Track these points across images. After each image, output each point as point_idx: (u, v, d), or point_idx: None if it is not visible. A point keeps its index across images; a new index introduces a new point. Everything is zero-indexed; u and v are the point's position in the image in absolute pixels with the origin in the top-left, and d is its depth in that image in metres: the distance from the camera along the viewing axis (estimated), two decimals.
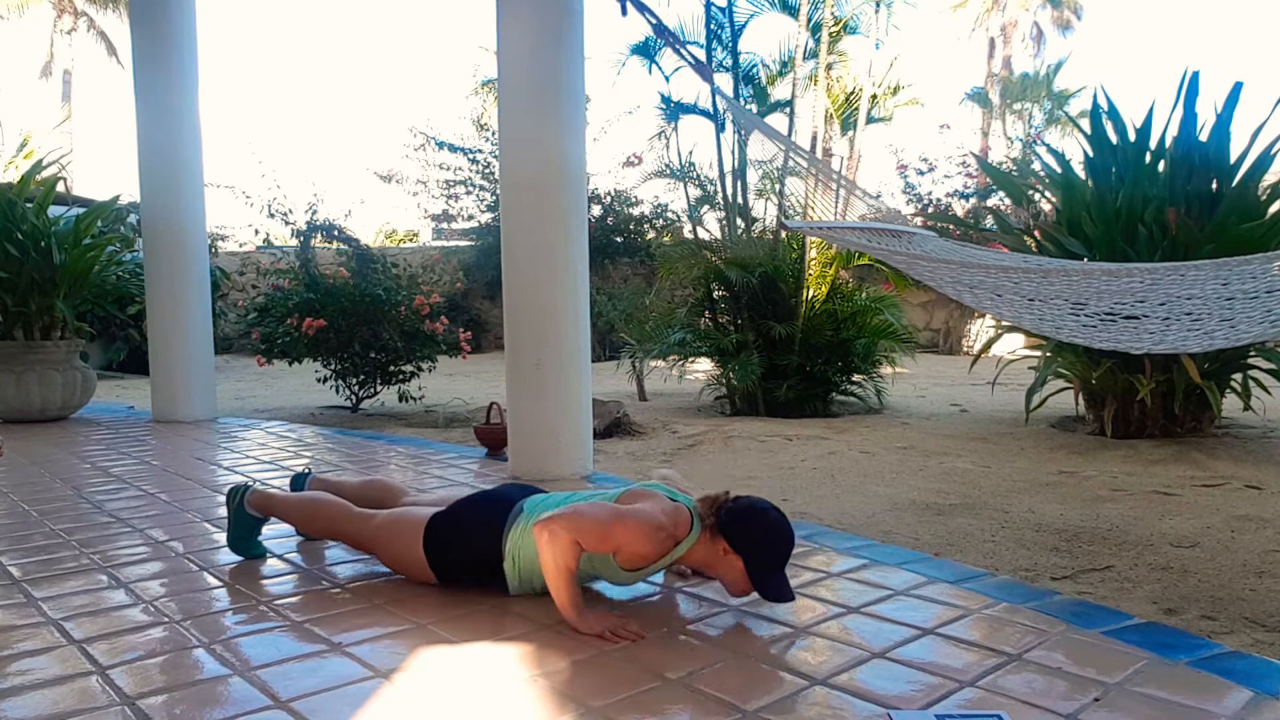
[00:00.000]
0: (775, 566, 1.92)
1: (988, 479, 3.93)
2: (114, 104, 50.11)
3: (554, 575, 1.85)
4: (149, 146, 5.32)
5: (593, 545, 1.87)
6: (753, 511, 1.95)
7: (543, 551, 1.85)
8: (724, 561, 1.94)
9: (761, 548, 1.92)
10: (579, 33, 3.56)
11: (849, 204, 3.46)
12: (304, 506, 2.39)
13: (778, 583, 1.91)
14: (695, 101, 8.01)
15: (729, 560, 1.93)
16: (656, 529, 1.91)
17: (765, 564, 1.91)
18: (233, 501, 2.44)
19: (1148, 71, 62.17)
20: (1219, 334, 2.18)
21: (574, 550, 1.84)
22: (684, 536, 1.96)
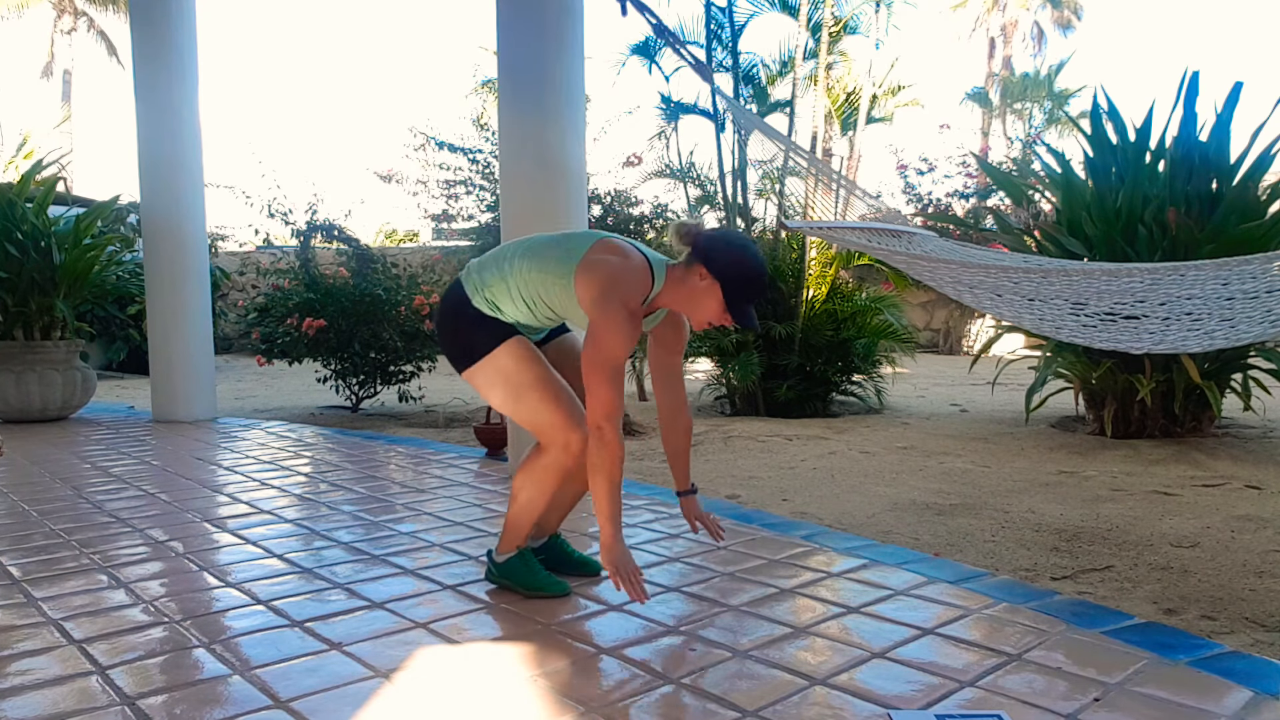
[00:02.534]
0: (751, 295, 1.94)
1: (988, 479, 3.93)
2: (114, 104, 50.11)
3: (604, 485, 1.89)
4: (149, 146, 5.32)
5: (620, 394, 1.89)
6: (732, 239, 1.99)
7: (593, 460, 1.88)
8: (699, 290, 1.94)
9: (739, 272, 1.92)
10: (579, 33, 3.56)
11: (849, 204, 3.46)
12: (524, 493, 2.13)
13: (751, 311, 1.94)
14: (695, 101, 8.01)
15: (705, 288, 1.93)
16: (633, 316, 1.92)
17: (741, 291, 1.92)
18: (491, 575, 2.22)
19: (1148, 71, 62.19)
20: (1219, 334, 2.18)
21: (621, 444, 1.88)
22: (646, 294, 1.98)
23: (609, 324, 1.89)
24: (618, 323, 1.89)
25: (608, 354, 1.88)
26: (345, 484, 3.51)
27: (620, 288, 1.92)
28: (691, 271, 1.95)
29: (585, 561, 2.31)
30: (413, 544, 2.61)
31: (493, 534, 2.73)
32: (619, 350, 1.89)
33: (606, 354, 1.88)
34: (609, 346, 1.88)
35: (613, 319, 1.89)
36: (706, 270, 1.92)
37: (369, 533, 2.74)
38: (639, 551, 2.50)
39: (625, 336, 1.89)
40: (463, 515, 2.97)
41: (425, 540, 2.66)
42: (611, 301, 1.90)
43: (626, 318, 1.90)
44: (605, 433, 1.87)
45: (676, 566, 2.38)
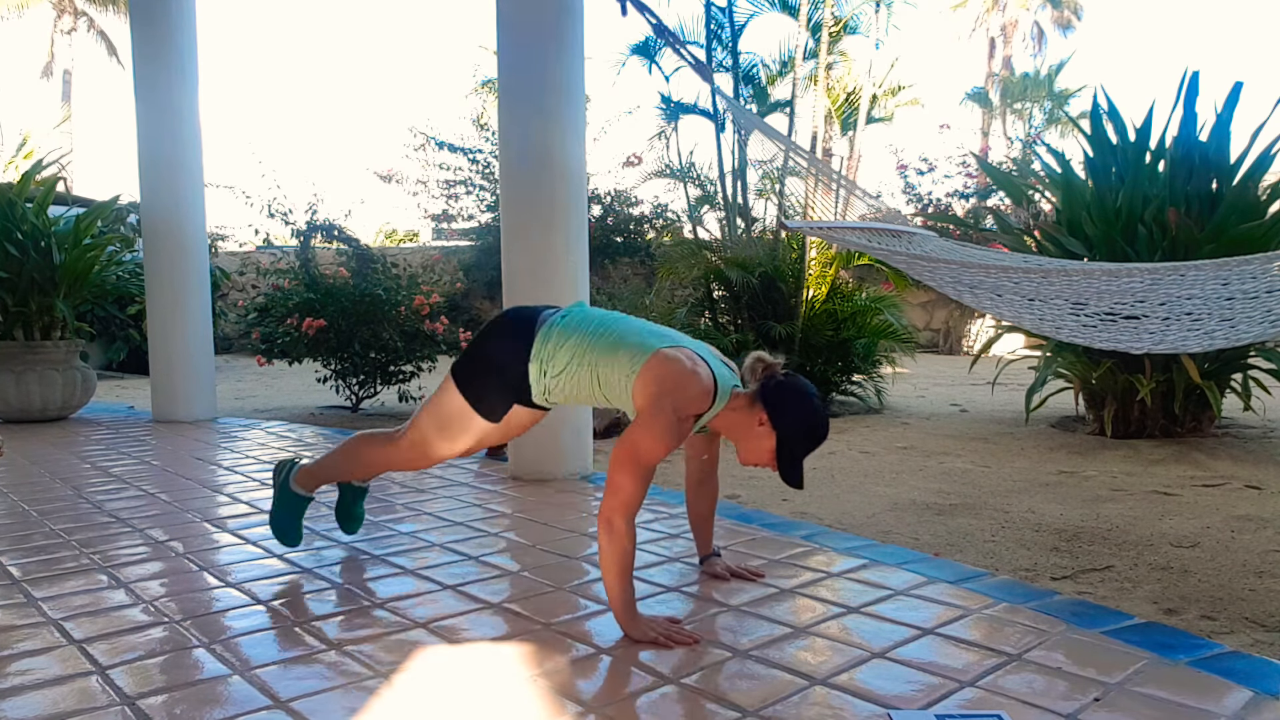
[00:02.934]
0: (804, 454, 1.90)
1: (988, 479, 3.93)
2: (114, 104, 50.14)
3: (614, 575, 1.83)
4: (149, 146, 5.32)
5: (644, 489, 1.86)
6: (802, 395, 1.91)
7: (603, 549, 1.83)
8: (754, 432, 1.91)
9: (800, 433, 1.89)
10: (579, 33, 3.56)
11: (849, 204, 3.46)
12: (349, 454, 2.31)
13: (798, 470, 1.89)
14: (695, 101, 8.03)
15: (760, 433, 1.90)
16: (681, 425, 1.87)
17: (797, 450, 1.89)
18: (279, 476, 2.40)
19: (1148, 71, 62.17)
20: (1219, 334, 2.18)
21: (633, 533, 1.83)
22: (702, 412, 1.93)
23: (656, 426, 1.85)
24: (665, 427, 1.85)
25: (644, 454, 1.83)
26: None
27: (679, 394, 1.87)
28: (754, 411, 1.92)
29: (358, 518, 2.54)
30: (413, 544, 2.61)
31: (493, 534, 2.73)
32: (656, 454, 1.84)
33: (643, 453, 1.83)
34: (648, 447, 1.84)
35: (661, 422, 1.85)
36: (768, 418, 1.90)
37: (369, 533, 2.74)
38: (639, 551, 2.50)
39: (667, 443, 1.85)
40: (463, 515, 2.97)
41: (425, 540, 2.66)
42: (664, 405, 1.86)
43: (675, 424, 1.86)
44: (615, 525, 1.81)
45: (676, 566, 2.38)
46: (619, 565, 1.83)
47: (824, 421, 1.93)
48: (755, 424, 1.91)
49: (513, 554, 2.51)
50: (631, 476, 1.82)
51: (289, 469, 2.42)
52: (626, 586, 1.85)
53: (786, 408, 1.89)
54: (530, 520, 2.90)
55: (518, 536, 2.70)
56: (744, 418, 1.93)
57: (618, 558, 1.82)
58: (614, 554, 1.82)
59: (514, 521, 2.89)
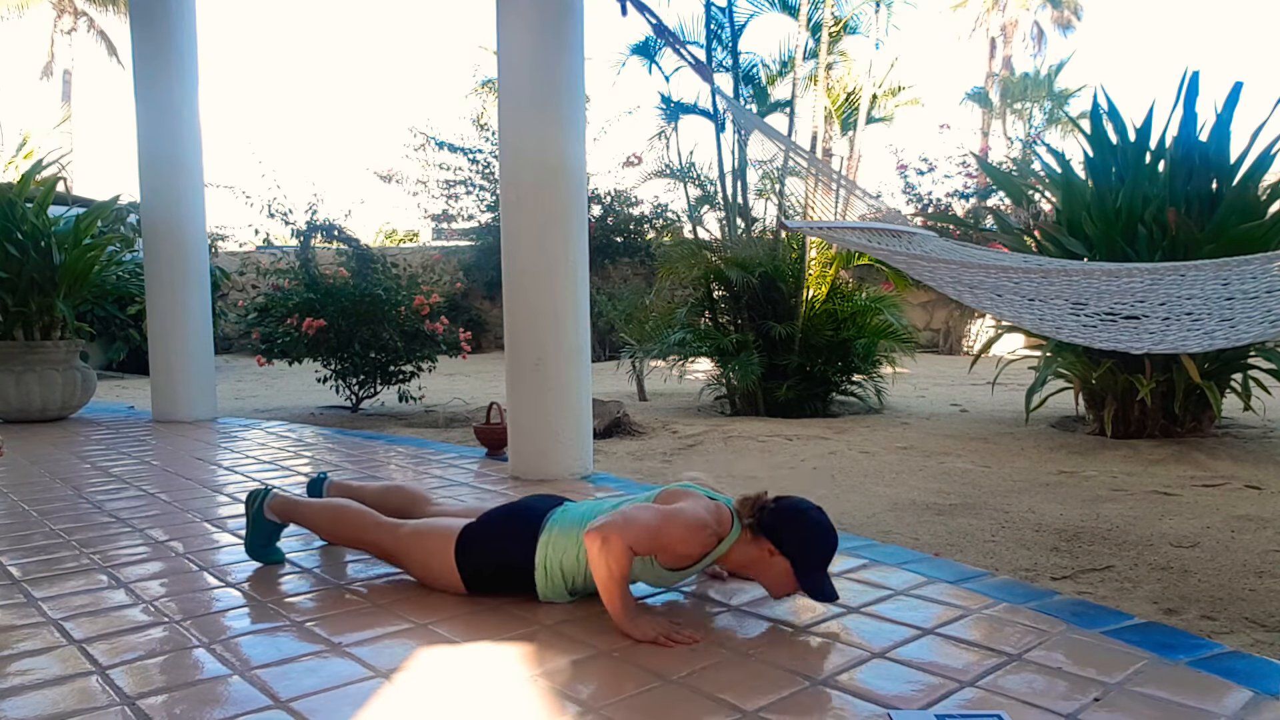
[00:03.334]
0: (821, 566, 1.92)
1: (988, 479, 3.93)
2: (114, 104, 50.15)
3: (608, 582, 1.83)
4: (149, 146, 5.32)
5: (644, 548, 1.86)
6: (797, 513, 1.94)
7: (594, 559, 1.82)
8: (768, 563, 1.93)
9: (808, 549, 1.91)
10: (579, 33, 3.56)
11: (849, 204, 3.46)
12: (328, 514, 2.33)
13: (824, 582, 1.91)
14: (695, 101, 8.02)
15: (774, 561, 1.92)
16: (702, 527, 1.89)
17: (811, 565, 1.91)
18: (251, 507, 2.40)
19: (1148, 71, 62.18)
20: (1219, 334, 2.18)
21: (627, 556, 1.81)
22: (726, 534, 1.95)
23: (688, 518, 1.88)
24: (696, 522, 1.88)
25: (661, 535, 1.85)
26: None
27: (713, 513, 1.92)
28: (760, 544, 1.93)
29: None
30: None
31: None
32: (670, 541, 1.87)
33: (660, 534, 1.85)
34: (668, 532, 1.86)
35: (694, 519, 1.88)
36: (774, 546, 1.91)
37: None
38: None
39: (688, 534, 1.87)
40: None
41: None
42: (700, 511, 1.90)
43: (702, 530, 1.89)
44: (611, 541, 1.80)
45: None
46: (615, 575, 1.82)
47: (828, 530, 1.94)
48: (766, 555, 1.93)
49: None
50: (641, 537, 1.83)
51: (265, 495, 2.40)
52: (624, 593, 1.85)
53: (785, 530, 1.91)
54: None
55: None
56: (754, 552, 1.95)
57: (614, 567, 1.81)
58: (611, 564, 1.81)
59: None
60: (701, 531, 1.90)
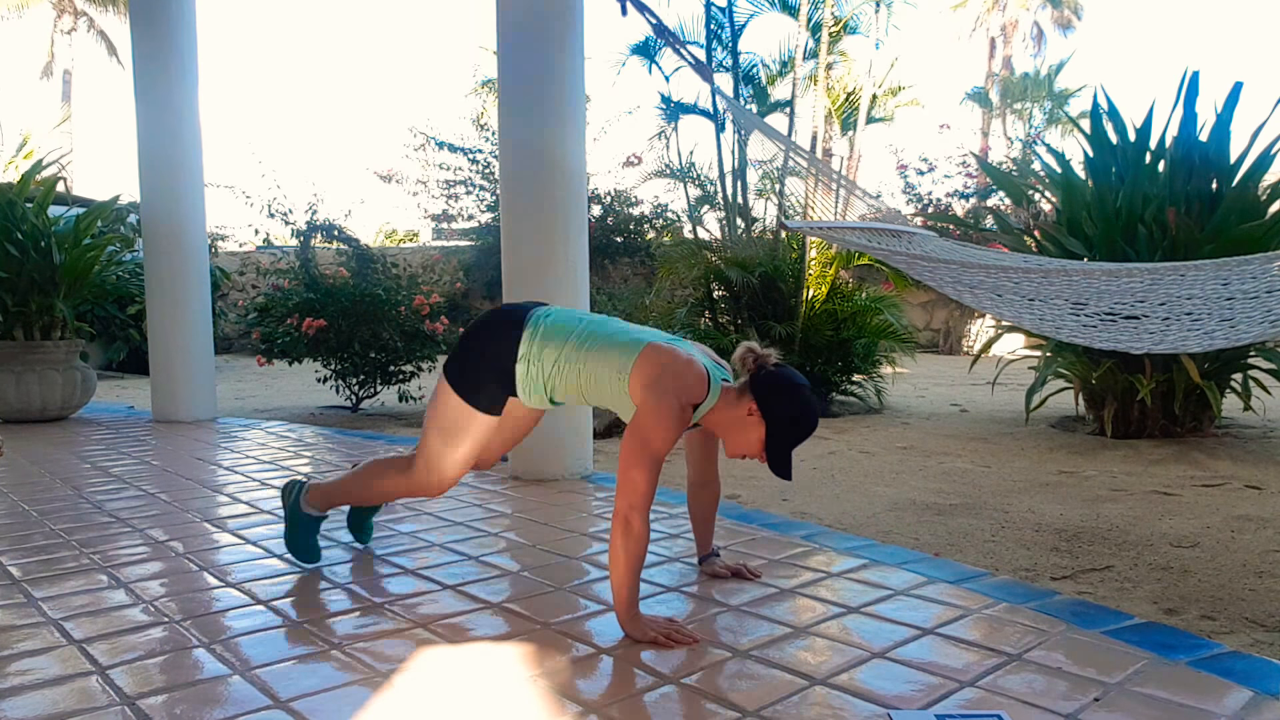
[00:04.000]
0: (794, 444, 1.91)
1: (988, 479, 3.93)
2: (114, 104, 50.17)
3: (624, 573, 1.83)
4: (149, 146, 5.32)
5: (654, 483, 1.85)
6: (793, 386, 1.92)
7: (615, 547, 1.82)
8: (744, 424, 1.91)
9: (789, 424, 1.90)
10: (579, 33, 3.55)
11: (849, 204, 3.46)
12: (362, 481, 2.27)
13: (787, 461, 1.90)
14: (695, 101, 8.03)
15: (750, 424, 1.91)
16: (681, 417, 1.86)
17: (785, 440, 1.90)
18: (288, 498, 2.37)
19: (1148, 71, 62.18)
20: (1219, 334, 2.18)
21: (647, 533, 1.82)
22: (700, 401, 1.93)
23: (660, 415, 1.85)
24: (668, 415, 1.85)
25: (653, 444, 1.83)
26: None
27: (679, 382, 1.88)
28: (743, 401, 1.92)
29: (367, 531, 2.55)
30: (413, 544, 2.61)
31: (493, 534, 2.73)
32: (664, 444, 1.84)
33: (652, 443, 1.83)
34: (655, 438, 1.84)
35: (664, 411, 1.85)
36: (757, 407, 1.90)
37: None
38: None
39: (672, 430, 1.85)
40: (463, 515, 2.97)
41: (425, 540, 2.66)
42: (666, 393, 1.86)
43: (678, 411, 1.86)
44: (633, 523, 1.81)
45: (676, 566, 2.38)
46: (631, 565, 1.83)
47: (814, 413, 1.93)
48: (744, 414, 1.91)
49: (513, 554, 2.51)
50: (643, 470, 1.82)
51: (298, 490, 2.37)
52: (634, 586, 1.85)
53: (777, 397, 1.90)
54: (530, 520, 2.90)
55: (518, 536, 2.70)
56: (733, 409, 1.94)
57: (632, 557, 1.82)
58: (630, 553, 1.82)
59: (514, 521, 2.89)
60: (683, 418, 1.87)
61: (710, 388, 1.94)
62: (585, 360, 1.97)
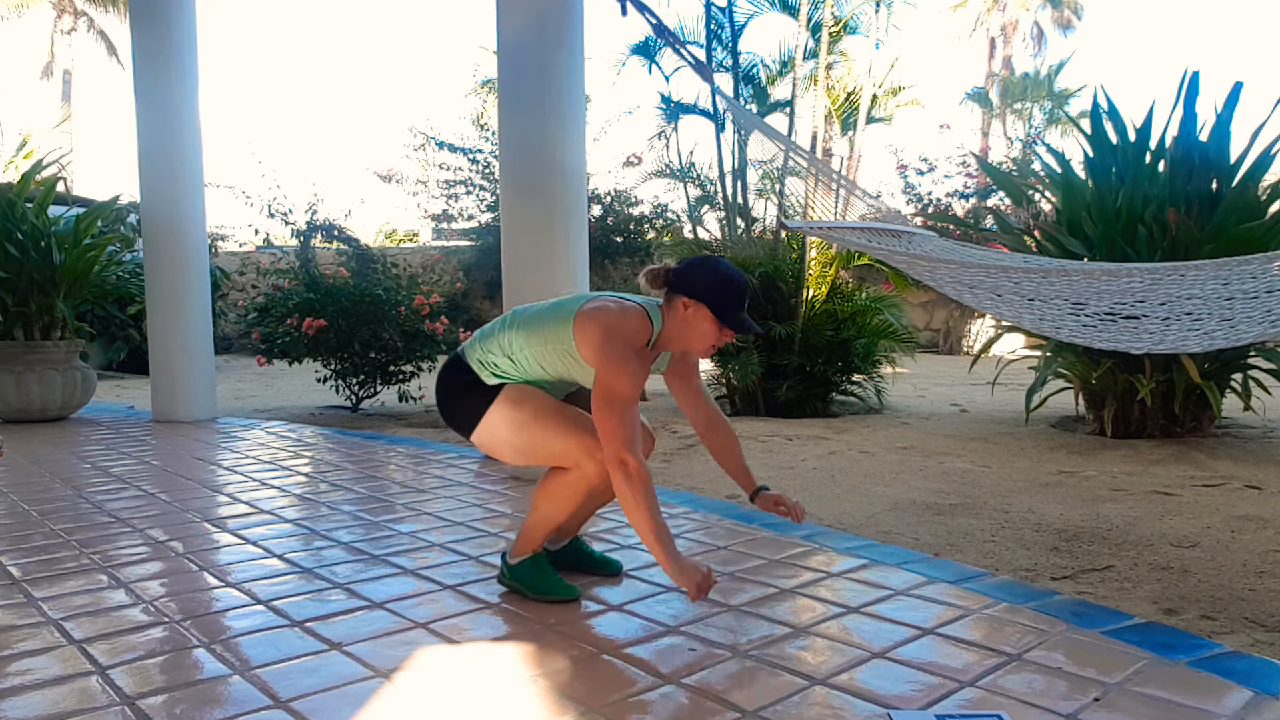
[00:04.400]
0: (737, 303, 1.97)
1: (988, 479, 3.93)
2: (114, 104, 50.16)
3: (644, 512, 1.87)
4: (149, 146, 5.32)
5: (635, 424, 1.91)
6: (699, 260, 2.02)
7: (623, 494, 1.86)
8: (687, 319, 1.98)
9: (718, 286, 1.96)
10: (579, 33, 3.55)
11: (849, 204, 3.46)
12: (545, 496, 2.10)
13: (744, 317, 1.98)
14: (695, 101, 8.02)
15: (692, 315, 1.97)
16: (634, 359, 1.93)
17: (727, 303, 1.95)
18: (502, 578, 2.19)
19: (1148, 71, 62.19)
20: (1219, 334, 2.18)
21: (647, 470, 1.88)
22: (649, 335, 2.01)
23: (614, 365, 1.91)
24: (622, 362, 1.91)
25: (617, 393, 1.89)
26: (345, 484, 3.51)
27: (621, 331, 1.95)
28: (674, 305, 1.99)
29: (606, 561, 2.32)
30: (413, 544, 2.61)
31: (493, 534, 2.73)
32: (626, 389, 1.90)
33: (615, 393, 1.89)
34: (616, 386, 1.89)
35: (617, 359, 1.91)
36: (687, 298, 1.96)
37: (369, 533, 2.74)
38: (638, 552, 2.50)
39: (632, 375, 1.91)
40: (463, 515, 2.97)
41: (425, 540, 2.66)
42: (614, 343, 1.93)
43: (631, 356, 1.93)
44: (629, 464, 1.86)
45: None
46: (646, 501, 1.86)
47: (733, 271, 2.00)
48: (682, 311, 1.98)
49: None
50: (613, 414, 1.88)
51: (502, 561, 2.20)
52: (660, 525, 1.88)
53: (693, 278, 1.97)
54: None
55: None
56: (675, 316, 2.00)
57: (642, 493, 1.86)
58: (639, 492, 1.86)
59: (514, 521, 2.89)
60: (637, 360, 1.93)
61: (651, 318, 2.01)
62: (530, 351, 2.02)
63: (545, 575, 2.13)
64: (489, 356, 2.06)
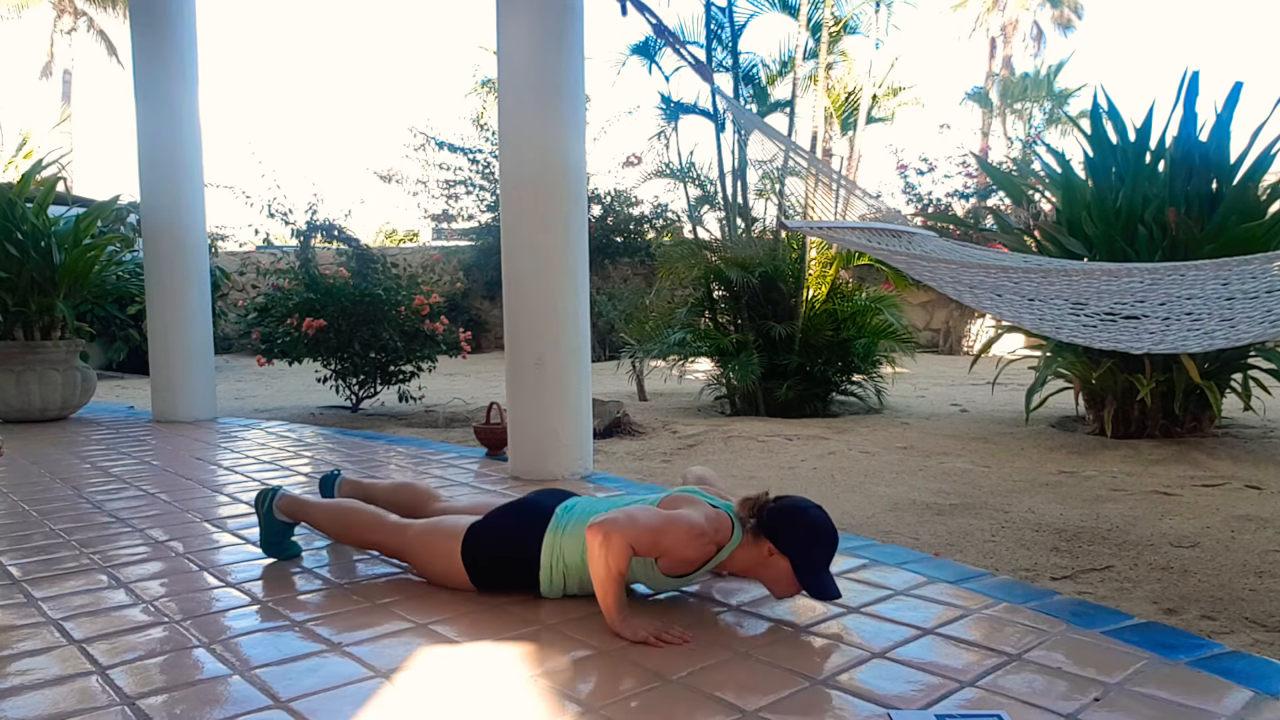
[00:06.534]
0: (822, 565, 1.92)
1: (988, 479, 3.93)
2: (114, 104, 50.18)
3: (604, 579, 1.83)
4: (149, 146, 5.32)
5: (644, 549, 1.86)
6: (796, 511, 1.94)
7: (594, 554, 1.83)
8: (769, 564, 1.93)
9: (808, 547, 1.91)
10: (579, 33, 3.55)
11: (849, 204, 3.46)
12: (336, 516, 2.34)
13: (825, 580, 1.90)
14: (695, 101, 8.01)
15: (774, 562, 1.92)
16: (701, 534, 1.89)
17: (813, 564, 1.90)
18: (261, 507, 2.42)
19: (1148, 71, 62.19)
20: (1219, 334, 2.18)
21: (626, 554, 1.82)
22: (726, 541, 1.95)
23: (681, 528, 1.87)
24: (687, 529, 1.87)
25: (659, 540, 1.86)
26: None
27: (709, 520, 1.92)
28: (761, 543, 1.93)
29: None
30: None
31: None
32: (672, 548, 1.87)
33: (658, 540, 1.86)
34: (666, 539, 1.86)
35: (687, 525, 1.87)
36: (774, 546, 1.91)
37: None
38: None
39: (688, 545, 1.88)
40: None
41: None
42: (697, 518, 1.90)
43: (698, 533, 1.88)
44: (612, 539, 1.81)
45: None
46: (613, 573, 1.82)
47: (828, 527, 1.94)
48: (765, 554, 1.93)
49: None
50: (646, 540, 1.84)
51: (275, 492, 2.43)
52: (619, 589, 1.85)
53: (787, 529, 1.91)
54: None
55: None
56: (754, 551, 1.95)
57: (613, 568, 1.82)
58: (610, 564, 1.82)
59: None
60: (700, 539, 1.89)
61: (734, 529, 1.96)
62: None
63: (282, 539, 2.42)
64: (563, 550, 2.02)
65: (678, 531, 1.87)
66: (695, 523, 1.90)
